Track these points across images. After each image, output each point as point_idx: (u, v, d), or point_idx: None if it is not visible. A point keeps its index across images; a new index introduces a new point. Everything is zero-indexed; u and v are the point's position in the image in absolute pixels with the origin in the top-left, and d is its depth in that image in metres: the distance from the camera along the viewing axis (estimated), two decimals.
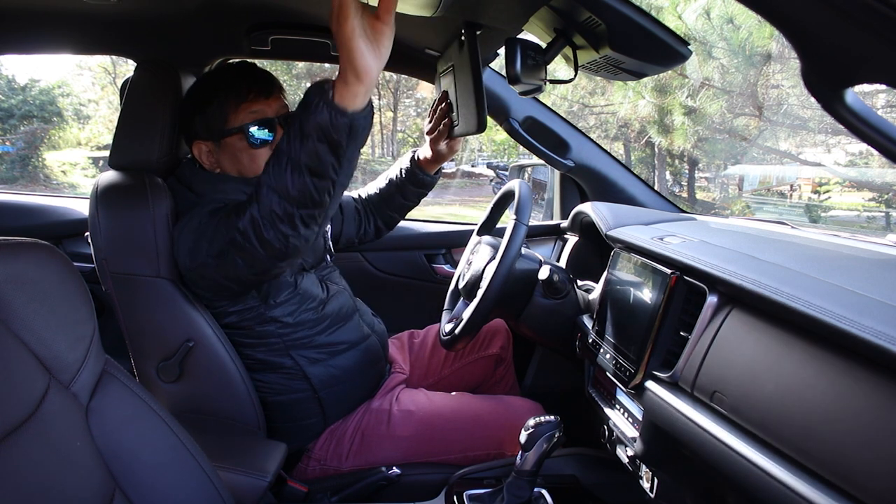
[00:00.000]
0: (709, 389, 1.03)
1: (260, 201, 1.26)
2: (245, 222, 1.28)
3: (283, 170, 1.23)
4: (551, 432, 1.30)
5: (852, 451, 0.75)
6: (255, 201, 1.28)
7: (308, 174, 1.21)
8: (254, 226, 1.27)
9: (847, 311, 0.83)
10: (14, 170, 18.15)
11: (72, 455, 0.83)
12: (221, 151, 1.58)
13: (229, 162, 1.58)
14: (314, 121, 1.16)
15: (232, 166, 1.59)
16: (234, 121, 1.54)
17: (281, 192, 1.24)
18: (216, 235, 1.36)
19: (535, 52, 1.31)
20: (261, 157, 1.56)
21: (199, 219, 1.43)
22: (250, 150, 1.56)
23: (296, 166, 1.21)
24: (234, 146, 1.56)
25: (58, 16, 1.73)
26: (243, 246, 1.31)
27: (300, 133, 1.19)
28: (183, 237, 1.45)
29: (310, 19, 1.85)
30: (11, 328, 0.81)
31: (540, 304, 1.65)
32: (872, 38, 0.56)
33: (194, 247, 1.41)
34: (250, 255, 1.32)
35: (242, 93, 1.55)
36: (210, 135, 1.57)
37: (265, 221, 1.27)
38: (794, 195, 11.85)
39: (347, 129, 1.17)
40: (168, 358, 1.53)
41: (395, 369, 1.86)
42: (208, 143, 1.58)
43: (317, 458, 1.64)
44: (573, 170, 2.15)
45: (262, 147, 1.56)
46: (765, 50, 7.09)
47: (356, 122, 1.17)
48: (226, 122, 1.55)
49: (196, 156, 1.60)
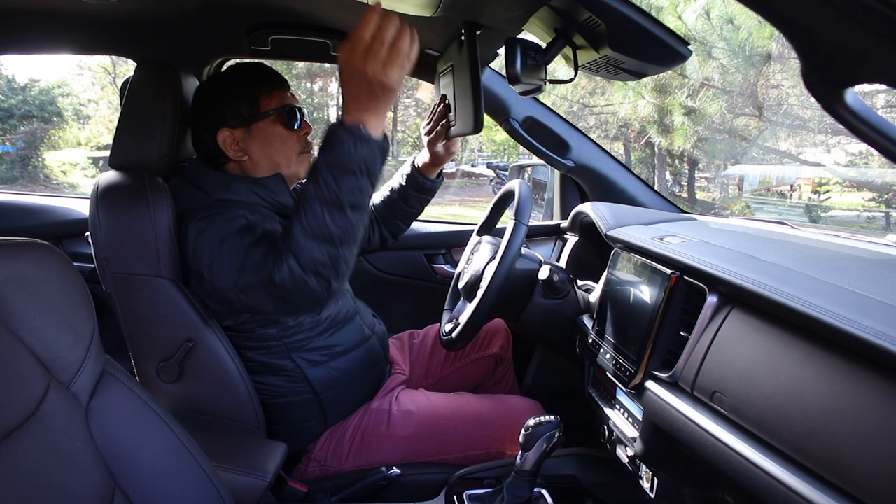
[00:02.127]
0: (709, 389, 1.03)
1: (299, 253, 1.29)
2: (284, 274, 1.30)
3: (320, 214, 1.27)
4: (551, 432, 1.30)
5: (852, 450, 0.75)
6: (291, 254, 1.30)
7: (350, 210, 1.27)
8: (293, 277, 1.30)
9: (847, 311, 0.83)
10: (14, 170, 18.15)
11: (72, 455, 0.83)
12: (251, 138, 1.58)
13: (259, 147, 1.59)
14: (358, 156, 1.25)
15: (262, 151, 1.59)
16: (267, 105, 1.58)
17: (323, 236, 1.28)
18: (245, 270, 1.38)
19: (535, 52, 1.31)
20: (291, 142, 1.61)
21: (222, 231, 1.43)
22: (284, 133, 1.59)
23: (335, 205, 1.27)
24: (266, 130, 1.58)
25: (58, 16, 1.73)
26: (281, 295, 1.34)
27: (341, 171, 1.26)
28: (203, 244, 1.44)
29: (310, 19, 1.85)
30: (11, 328, 0.80)
31: (540, 304, 1.66)
32: (872, 38, 0.56)
33: (217, 266, 1.41)
34: (287, 303, 1.36)
35: (269, 82, 1.60)
36: (240, 121, 1.57)
37: (307, 271, 1.30)
38: (794, 195, 11.84)
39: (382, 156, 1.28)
40: (168, 358, 1.53)
41: (395, 370, 1.86)
42: (237, 130, 1.58)
43: (317, 458, 1.64)
44: (573, 170, 2.14)
45: (293, 132, 1.60)
46: (765, 50, 7.09)
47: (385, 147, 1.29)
48: (258, 107, 1.57)
49: (220, 143, 1.58)
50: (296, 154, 1.62)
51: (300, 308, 1.41)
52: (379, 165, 1.29)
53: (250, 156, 1.60)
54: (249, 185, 1.58)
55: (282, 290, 1.31)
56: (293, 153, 1.61)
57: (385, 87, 1.24)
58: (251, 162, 1.60)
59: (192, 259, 1.47)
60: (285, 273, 1.29)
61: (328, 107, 24.12)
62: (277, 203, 1.59)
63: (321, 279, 1.30)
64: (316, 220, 1.27)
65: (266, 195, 1.58)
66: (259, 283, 1.34)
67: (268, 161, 1.60)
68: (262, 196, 1.58)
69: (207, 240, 1.43)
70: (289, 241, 1.30)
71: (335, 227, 1.27)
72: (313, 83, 23.27)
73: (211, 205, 1.51)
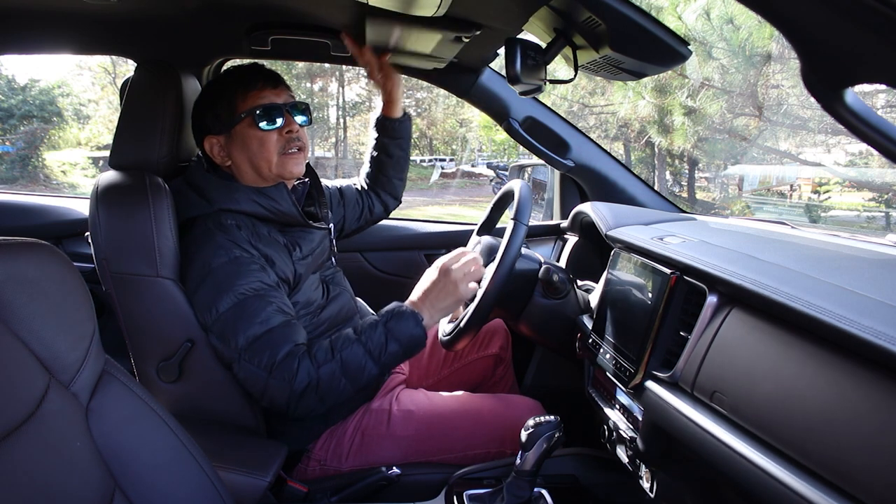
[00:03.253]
0: (709, 389, 1.03)
1: (321, 373, 1.43)
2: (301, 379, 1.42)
3: (361, 358, 1.45)
4: (551, 432, 1.30)
5: (852, 450, 0.75)
6: (314, 365, 1.43)
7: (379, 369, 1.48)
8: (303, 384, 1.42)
9: (847, 311, 0.83)
10: (14, 170, 18.19)
11: (72, 455, 0.83)
12: (232, 142, 1.59)
13: (239, 151, 1.59)
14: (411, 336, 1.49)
15: (242, 156, 1.59)
16: (242, 108, 1.57)
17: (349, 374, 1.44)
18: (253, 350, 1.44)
19: (534, 52, 1.31)
20: (269, 143, 1.58)
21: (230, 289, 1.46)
22: (258, 134, 1.57)
23: (374, 360, 1.46)
24: (243, 133, 1.57)
25: (58, 16, 1.73)
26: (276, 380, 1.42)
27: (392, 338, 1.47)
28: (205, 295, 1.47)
29: (310, 19, 1.85)
30: (11, 328, 0.81)
31: (540, 304, 1.66)
32: (872, 37, 0.56)
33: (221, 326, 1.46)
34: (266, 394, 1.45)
35: (250, 83, 1.58)
36: (220, 127, 1.59)
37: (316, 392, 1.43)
38: (794, 195, 11.85)
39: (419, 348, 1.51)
40: (168, 358, 1.53)
41: (395, 369, 1.86)
42: (219, 136, 1.60)
43: (317, 458, 1.64)
44: (573, 170, 2.15)
45: (271, 131, 1.58)
46: (765, 50, 7.09)
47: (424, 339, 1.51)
48: (234, 111, 1.57)
49: (207, 150, 1.61)
50: (276, 154, 1.58)
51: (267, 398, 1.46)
52: (416, 352, 1.52)
53: (233, 161, 1.61)
54: (251, 195, 1.58)
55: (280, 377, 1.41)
56: (273, 154, 1.58)
57: (458, 303, 1.55)
58: (235, 167, 1.62)
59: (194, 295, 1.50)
60: (304, 375, 1.41)
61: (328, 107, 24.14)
62: (279, 212, 1.60)
63: (315, 402, 1.44)
64: (355, 359, 1.44)
65: (268, 204, 1.58)
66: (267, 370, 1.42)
67: (248, 165, 1.60)
68: (263, 205, 1.58)
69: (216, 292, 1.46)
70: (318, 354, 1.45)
71: (364, 378, 1.46)
72: (313, 83, 23.30)
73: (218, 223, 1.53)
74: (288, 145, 1.59)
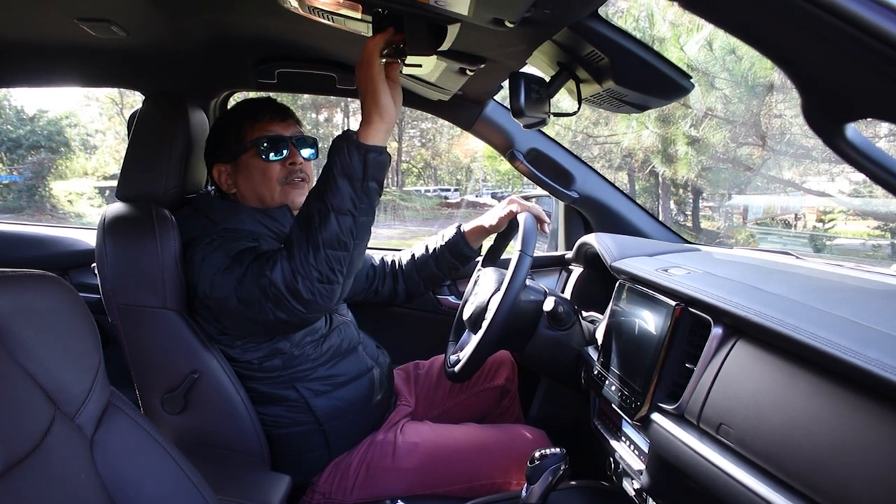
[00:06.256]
0: (715, 421, 1.02)
1: (291, 253, 1.33)
2: (276, 275, 1.33)
3: (311, 217, 1.32)
4: (557, 465, 1.29)
5: (860, 483, 0.75)
6: (287, 254, 1.34)
7: (333, 212, 1.31)
8: (284, 277, 1.33)
9: (852, 343, 0.82)
10: (21, 199, 18.31)
11: (76, 488, 0.83)
12: (238, 171, 1.63)
13: (245, 180, 1.63)
14: (341, 161, 1.29)
15: (247, 184, 1.63)
16: (249, 138, 1.61)
17: (312, 241, 1.31)
18: (245, 280, 1.40)
19: (538, 86, 1.32)
20: (272, 173, 1.61)
21: (229, 249, 1.47)
22: (262, 164, 1.61)
23: (324, 209, 1.31)
24: (248, 163, 1.62)
25: (67, 49, 1.76)
26: (275, 297, 1.35)
27: (329, 177, 1.31)
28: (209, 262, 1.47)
29: (315, 53, 1.87)
30: (17, 359, 0.81)
31: (545, 336, 1.65)
32: (872, 75, 0.56)
33: (218, 279, 1.44)
34: (282, 306, 1.36)
35: (259, 115, 1.63)
36: (228, 156, 1.63)
37: (296, 275, 1.32)
38: (798, 224, 11.85)
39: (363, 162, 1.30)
40: (173, 389, 1.53)
41: (400, 401, 1.86)
42: (227, 164, 1.64)
43: (321, 491, 1.63)
44: (577, 201, 2.15)
45: (274, 161, 1.61)
46: (767, 80, 7.15)
47: (368, 155, 1.30)
48: (241, 140, 1.61)
49: (215, 178, 1.65)
50: (278, 184, 1.62)
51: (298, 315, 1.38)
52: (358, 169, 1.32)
53: (238, 189, 1.65)
54: (255, 216, 1.60)
55: (276, 290, 1.34)
56: (275, 184, 1.62)
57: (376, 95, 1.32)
58: (240, 195, 1.65)
59: (196, 277, 1.49)
60: (278, 273, 1.33)
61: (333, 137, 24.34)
62: (283, 234, 1.61)
63: (307, 283, 1.33)
64: (308, 223, 1.33)
65: (272, 225, 1.61)
66: (261, 290, 1.36)
67: (252, 193, 1.64)
68: (267, 226, 1.60)
69: (213, 258, 1.46)
70: (286, 244, 1.37)
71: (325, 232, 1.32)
72: (319, 113, 23.49)
73: (219, 232, 1.54)
74: (291, 176, 1.63)
